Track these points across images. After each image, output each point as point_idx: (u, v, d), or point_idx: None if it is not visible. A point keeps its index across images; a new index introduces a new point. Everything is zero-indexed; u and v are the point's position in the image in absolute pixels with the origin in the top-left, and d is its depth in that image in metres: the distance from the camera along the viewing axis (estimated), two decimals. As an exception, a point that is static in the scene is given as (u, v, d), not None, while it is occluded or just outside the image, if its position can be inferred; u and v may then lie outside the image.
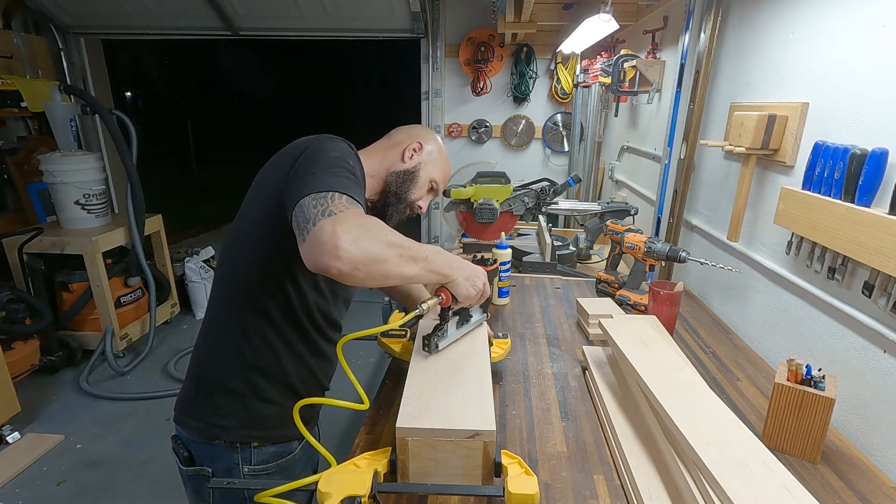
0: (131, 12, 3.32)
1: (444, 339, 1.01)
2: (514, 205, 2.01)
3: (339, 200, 0.75)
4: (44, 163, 2.87)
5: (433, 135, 1.14)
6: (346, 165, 0.84)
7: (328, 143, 0.89)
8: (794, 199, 1.16)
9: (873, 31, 1.01)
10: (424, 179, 1.09)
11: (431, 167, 1.10)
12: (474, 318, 1.12)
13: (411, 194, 1.08)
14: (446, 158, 1.15)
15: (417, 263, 0.80)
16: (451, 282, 0.90)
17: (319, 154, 0.86)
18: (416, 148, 1.08)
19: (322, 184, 0.77)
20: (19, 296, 2.66)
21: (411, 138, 1.10)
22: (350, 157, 0.89)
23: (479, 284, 0.94)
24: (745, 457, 0.70)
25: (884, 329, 0.96)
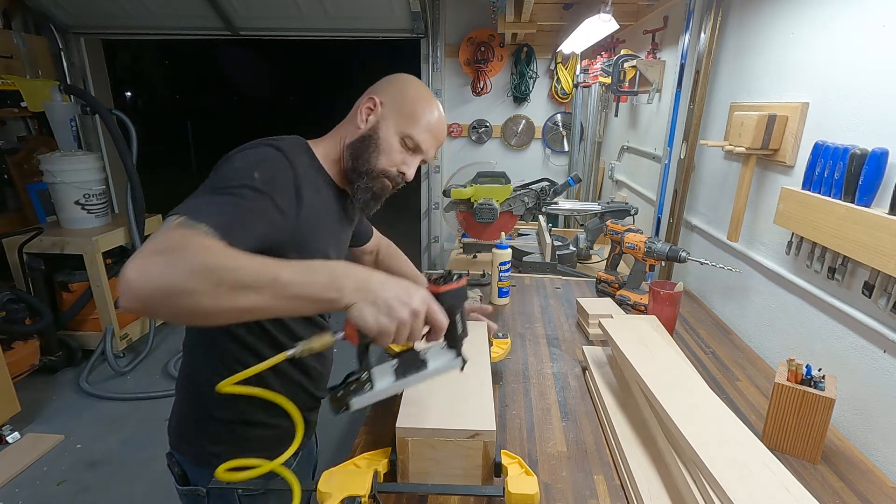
0: (131, 12, 3.32)
1: (364, 393, 0.70)
2: (514, 205, 2.01)
3: (171, 225, 0.64)
4: (44, 163, 2.87)
5: (401, 80, 0.94)
6: (237, 181, 0.73)
7: (238, 156, 0.80)
8: (794, 199, 1.16)
9: (873, 31, 1.01)
10: (389, 137, 0.90)
11: (397, 119, 0.90)
12: (433, 364, 0.75)
13: (376, 162, 0.90)
14: (426, 101, 0.91)
15: (258, 291, 0.59)
16: (347, 308, 0.63)
17: (219, 169, 0.78)
18: (369, 105, 0.90)
19: (180, 207, 0.68)
20: (19, 296, 2.66)
21: (367, 95, 0.92)
22: (259, 166, 0.77)
23: (400, 312, 0.63)
24: (745, 457, 0.70)
25: (884, 329, 0.96)
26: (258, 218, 0.74)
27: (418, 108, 0.91)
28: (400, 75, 0.95)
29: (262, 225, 0.75)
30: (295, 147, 0.88)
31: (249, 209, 0.73)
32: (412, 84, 0.94)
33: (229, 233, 0.67)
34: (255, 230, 0.73)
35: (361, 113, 0.91)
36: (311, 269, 0.63)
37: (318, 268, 0.63)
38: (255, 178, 0.75)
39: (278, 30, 3.50)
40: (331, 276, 0.63)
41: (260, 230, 0.75)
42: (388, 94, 0.92)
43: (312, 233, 0.87)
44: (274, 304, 0.61)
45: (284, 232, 0.80)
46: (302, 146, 0.91)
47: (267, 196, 0.75)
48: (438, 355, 0.76)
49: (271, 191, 0.76)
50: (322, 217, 0.90)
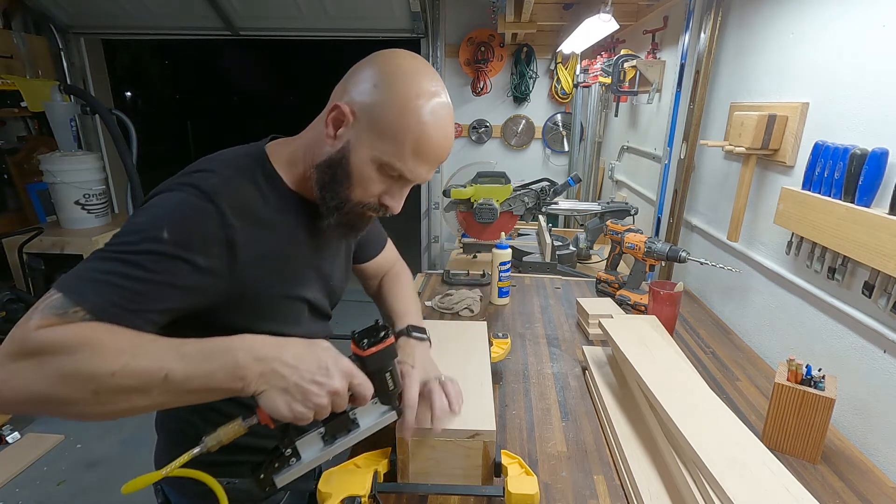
0: (131, 12, 3.32)
1: (290, 468, 0.65)
2: (514, 205, 2.01)
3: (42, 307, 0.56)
4: (44, 163, 2.87)
5: (382, 77, 0.67)
6: (137, 244, 0.61)
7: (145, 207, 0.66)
8: (794, 199, 1.16)
9: (874, 31, 1.01)
10: (363, 166, 0.69)
11: (373, 142, 0.67)
12: (365, 422, 0.70)
13: (348, 193, 0.71)
14: (416, 111, 0.66)
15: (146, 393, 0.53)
16: (256, 395, 0.56)
17: (129, 219, 0.66)
18: (336, 117, 0.68)
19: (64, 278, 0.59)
20: (19, 296, 2.66)
21: (341, 94, 0.70)
22: (169, 221, 0.62)
23: (317, 397, 0.57)
24: (745, 457, 0.70)
25: (884, 329, 0.96)
26: (164, 290, 0.61)
27: (404, 126, 0.67)
28: (381, 63, 0.69)
29: (172, 298, 0.63)
30: (235, 175, 0.71)
31: (150, 281, 0.60)
32: (398, 82, 0.67)
33: (115, 317, 0.57)
34: (159, 306, 0.61)
35: (329, 126, 0.69)
36: (209, 355, 0.55)
37: (216, 354, 0.56)
38: (164, 238, 0.61)
39: (278, 30, 3.50)
40: (231, 363, 0.55)
41: (169, 304, 0.63)
42: (362, 100, 0.68)
43: (269, 280, 0.73)
44: (169, 401, 0.55)
45: (217, 294, 0.68)
46: (253, 165, 0.74)
47: (179, 260, 0.62)
48: (370, 411, 0.71)
49: (187, 251, 0.62)
50: (286, 253, 0.76)
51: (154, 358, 0.54)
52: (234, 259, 0.68)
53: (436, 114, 0.68)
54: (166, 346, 0.56)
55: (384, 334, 0.67)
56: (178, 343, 0.57)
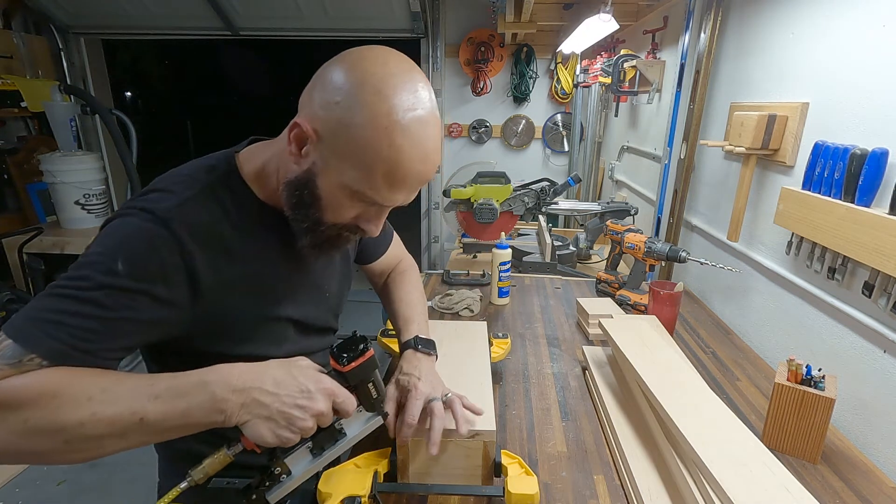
0: (131, 12, 3.32)
1: (281, 484, 0.65)
2: (514, 205, 2.01)
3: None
4: (44, 163, 2.87)
5: (355, 82, 0.57)
6: (90, 279, 0.56)
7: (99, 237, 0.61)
8: (794, 199, 1.16)
9: (874, 31, 1.01)
10: (332, 191, 0.62)
11: (340, 167, 0.60)
12: (352, 430, 0.70)
13: (319, 215, 0.65)
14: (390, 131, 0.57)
15: (123, 437, 0.52)
16: (240, 424, 0.56)
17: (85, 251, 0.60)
18: (298, 134, 0.61)
19: (12, 321, 0.54)
20: (19, 296, 2.66)
21: (307, 104, 0.62)
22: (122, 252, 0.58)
23: (301, 421, 0.57)
24: (745, 457, 0.70)
25: (884, 329, 0.96)
26: (122, 326, 0.58)
27: (373, 152, 0.57)
28: (348, 69, 0.59)
29: (132, 333, 0.59)
30: (195, 195, 0.65)
31: (106, 318, 0.56)
32: (365, 98, 0.56)
33: (73, 360, 0.54)
34: (118, 343, 0.58)
35: (292, 144, 0.62)
36: (183, 393, 0.53)
37: (190, 390, 0.53)
38: (118, 270, 0.57)
39: (278, 30, 3.50)
40: (209, 398, 0.53)
41: (129, 340, 0.60)
42: (325, 116, 0.59)
43: (241, 305, 0.69)
44: (148, 440, 0.54)
45: (184, 325, 0.64)
46: (217, 181, 0.68)
47: (136, 293, 0.58)
48: (355, 419, 0.70)
49: (144, 283, 0.58)
50: (259, 275, 0.71)
51: (125, 403, 0.52)
52: (197, 288, 0.63)
53: (412, 134, 0.58)
54: (136, 387, 0.53)
55: (363, 347, 0.65)
56: (148, 382, 0.54)
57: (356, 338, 0.67)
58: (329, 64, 0.62)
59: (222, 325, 0.68)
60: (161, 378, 0.55)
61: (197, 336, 0.67)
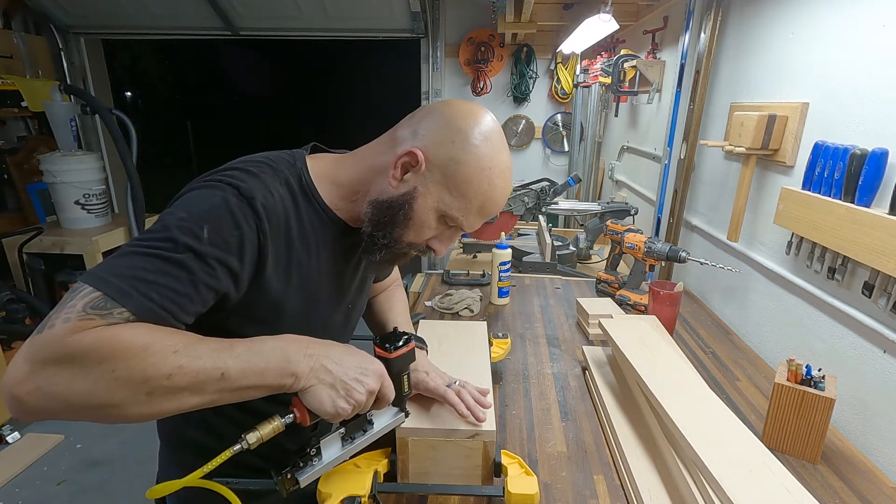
0: (131, 12, 3.32)
1: (314, 467, 0.68)
2: (514, 205, 2.01)
3: (70, 304, 0.52)
4: (44, 163, 2.87)
5: (464, 132, 0.68)
6: (177, 240, 0.58)
7: (184, 199, 0.64)
8: (794, 199, 1.16)
9: (873, 31, 1.01)
10: (426, 214, 0.70)
11: (442, 193, 0.69)
12: (379, 423, 0.75)
13: (402, 235, 0.71)
14: (490, 170, 0.69)
15: (200, 392, 0.54)
16: (302, 391, 0.59)
17: (164, 215, 0.62)
18: (409, 161, 0.68)
19: (96, 271, 0.55)
20: (19, 296, 2.66)
21: (413, 137, 0.69)
22: (208, 220, 0.60)
23: (358, 394, 0.61)
24: (745, 457, 0.71)
25: (884, 329, 0.96)
26: (203, 292, 0.60)
27: (475, 187, 0.69)
28: (461, 117, 0.69)
29: (207, 299, 0.62)
30: (274, 182, 0.69)
31: (192, 283, 0.58)
32: (478, 145, 0.68)
33: (158, 318, 0.56)
34: (196, 307, 0.60)
35: (397, 169, 0.68)
36: (261, 353, 0.57)
37: (267, 351, 0.57)
38: (203, 237, 0.59)
39: (278, 30, 3.50)
40: (283, 359, 0.57)
41: (202, 307, 0.62)
42: (439, 152, 0.68)
43: (288, 295, 0.72)
44: (219, 399, 0.55)
45: (234, 301, 0.66)
46: (292, 175, 0.72)
47: (216, 262, 0.60)
48: (383, 412, 0.76)
49: (224, 252, 0.61)
50: (309, 272, 0.74)
51: (209, 358, 0.54)
52: (261, 269, 0.67)
53: (503, 177, 0.71)
54: (219, 346, 0.56)
55: (407, 338, 0.73)
56: (228, 343, 0.57)
57: (397, 332, 0.75)
58: (436, 106, 0.72)
59: (264, 311, 0.71)
60: (239, 341, 0.58)
61: (236, 316, 0.69)
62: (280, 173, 0.70)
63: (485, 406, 0.84)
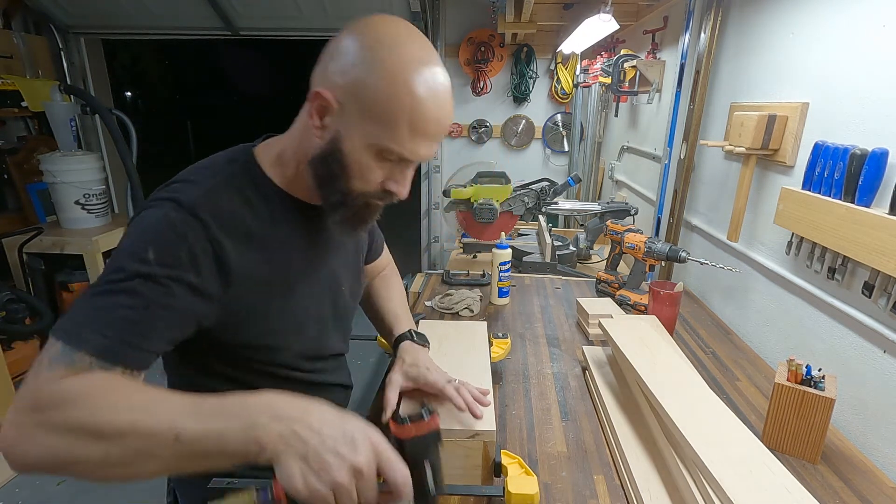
0: (131, 12, 3.32)
1: None
2: (514, 205, 2.01)
3: (45, 359, 0.52)
4: (44, 163, 2.87)
5: (364, 54, 0.60)
6: (126, 270, 0.57)
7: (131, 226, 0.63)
8: (795, 199, 1.16)
9: (873, 31, 1.01)
10: (358, 155, 0.63)
11: (365, 127, 0.61)
12: None
13: (348, 186, 0.66)
14: (409, 83, 0.59)
15: (155, 457, 0.48)
16: (273, 462, 0.49)
17: (119, 245, 0.61)
18: (320, 105, 0.62)
19: (61, 323, 0.55)
20: (19, 296, 2.66)
21: (321, 77, 0.63)
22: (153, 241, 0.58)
23: (336, 473, 0.48)
24: (745, 457, 0.70)
25: (884, 329, 0.96)
26: (161, 314, 0.58)
27: (396, 104, 0.59)
28: (359, 34, 0.61)
29: (171, 322, 0.59)
30: (219, 185, 0.66)
31: (145, 307, 0.56)
32: (382, 55, 0.59)
33: (120, 354, 0.54)
34: (160, 333, 0.58)
35: (315, 118, 0.63)
36: (224, 411, 0.49)
37: (232, 410, 0.50)
38: (149, 259, 0.57)
39: (278, 29, 3.50)
40: (248, 422, 0.48)
41: (169, 332, 0.60)
42: (344, 82, 0.60)
43: (269, 298, 0.70)
44: (184, 465, 0.49)
45: (213, 315, 0.64)
46: (239, 172, 0.69)
47: (169, 280, 0.58)
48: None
49: (175, 269, 0.58)
50: (284, 267, 0.71)
51: (165, 416, 0.49)
52: (226, 275, 0.64)
53: (431, 84, 0.61)
54: (179, 403, 0.51)
55: (427, 412, 0.57)
56: (192, 400, 0.52)
57: (424, 406, 0.61)
58: (337, 36, 0.64)
59: (248, 313, 0.68)
60: (205, 398, 0.52)
61: (224, 327, 0.67)
62: (221, 173, 0.68)
63: (483, 404, 0.82)
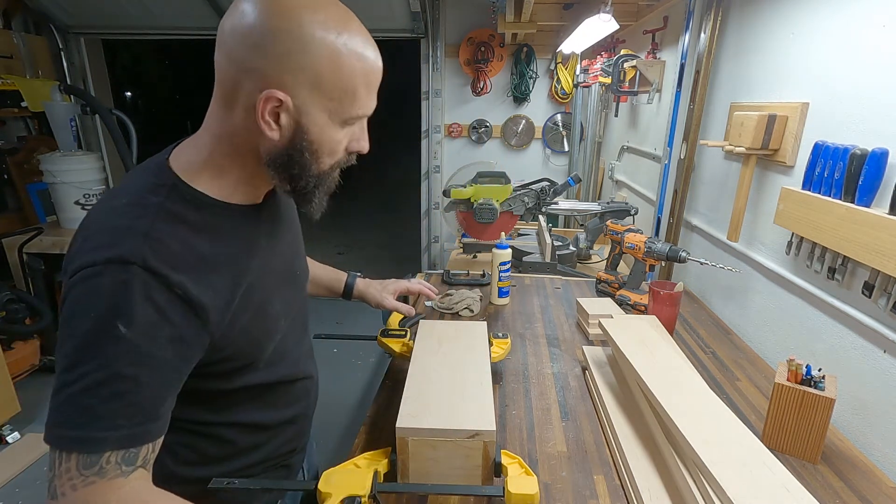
0: (131, 12, 3.32)
1: None
2: (514, 205, 2.01)
3: (65, 473, 0.53)
4: (44, 163, 2.87)
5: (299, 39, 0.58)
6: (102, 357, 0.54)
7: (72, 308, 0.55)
8: (794, 199, 1.16)
9: (873, 31, 1.01)
10: (331, 133, 0.64)
11: (329, 106, 0.62)
12: None
13: (320, 166, 0.66)
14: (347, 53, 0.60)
15: None
16: None
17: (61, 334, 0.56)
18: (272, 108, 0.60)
19: (51, 421, 0.54)
20: (19, 296, 2.66)
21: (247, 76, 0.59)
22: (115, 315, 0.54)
23: None
24: (745, 457, 0.71)
25: (884, 329, 0.96)
26: (161, 377, 0.58)
27: (350, 68, 0.61)
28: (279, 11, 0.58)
29: (171, 378, 0.60)
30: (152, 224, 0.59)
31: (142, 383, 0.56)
32: (306, 28, 0.58)
33: (142, 437, 0.56)
34: (166, 392, 0.60)
35: (269, 122, 0.60)
36: None
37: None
38: (122, 333, 0.54)
39: (278, 30, 3.50)
40: None
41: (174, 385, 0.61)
42: (290, 71, 0.58)
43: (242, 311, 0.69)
44: None
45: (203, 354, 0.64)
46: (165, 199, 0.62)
47: (152, 342, 0.57)
48: None
49: (153, 330, 0.57)
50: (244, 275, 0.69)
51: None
52: (202, 315, 0.61)
53: (363, 37, 0.64)
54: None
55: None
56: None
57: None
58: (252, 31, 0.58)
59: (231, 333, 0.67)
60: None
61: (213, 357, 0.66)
62: (152, 207, 0.61)
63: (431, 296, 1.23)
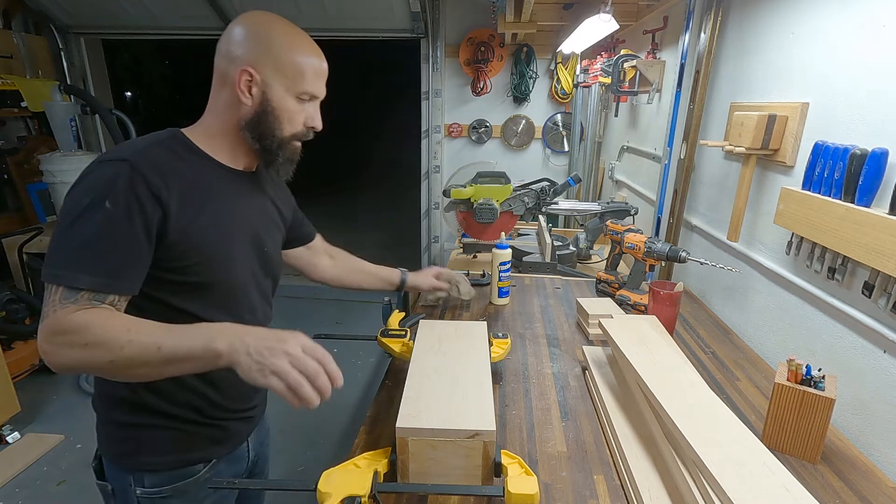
0: (131, 12, 3.32)
1: None
2: (514, 205, 2.01)
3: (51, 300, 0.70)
4: (44, 163, 2.87)
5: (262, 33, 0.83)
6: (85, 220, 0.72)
7: (80, 187, 0.77)
8: (794, 199, 1.16)
9: (873, 31, 1.01)
10: (286, 104, 0.85)
11: (284, 82, 0.83)
12: None
13: (282, 132, 0.86)
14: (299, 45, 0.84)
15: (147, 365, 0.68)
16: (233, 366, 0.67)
17: (66, 203, 0.77)
18: (247, 80, 0.82)
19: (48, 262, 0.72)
20: (19, 296, 2.66)
21: (231, 63, 0.82)
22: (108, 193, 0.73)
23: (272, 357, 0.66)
24: (745, 457, 0.71)
25: (884, 329, 0.96)
26: (132, 248, 0.74)
27: (298, 58, 0.84)
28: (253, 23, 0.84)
29: (140, 256, 0.75)
30: (147, 145, 0.81)
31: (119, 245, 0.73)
32: (276, 31, 0.84)
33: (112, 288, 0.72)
34: (134, 265, 0.75)
35: (244, 92, 0.82)
36: (191, 333, 0.69)
37: (196, 332, 0.69)
38: (108, 208, 0.72)
39: (278, 30, 3.50)
40: (208, 338, 0.68)
41: (141, 266, 0.76)
42: (258, 56, 0.82)
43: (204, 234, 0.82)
44: (164, 370, 0.69)
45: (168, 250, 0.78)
46: (166, 138, 0.84)
47: (130, 222, 0.74)
48: None
49: (132, 213, 0.74)
50: (215, 211, 0.84)
51: (150, 335, 0.68)
52: (168, 215, 0.77)
53: (311, 42, 0.86)
54: (159, 326, 0.70)
55: None
56: (169, 327, 0.70)
57: None
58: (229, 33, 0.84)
59: (193, 251, 0.80)
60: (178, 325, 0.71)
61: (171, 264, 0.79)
62: (152, 140, 0.83)
63: None
